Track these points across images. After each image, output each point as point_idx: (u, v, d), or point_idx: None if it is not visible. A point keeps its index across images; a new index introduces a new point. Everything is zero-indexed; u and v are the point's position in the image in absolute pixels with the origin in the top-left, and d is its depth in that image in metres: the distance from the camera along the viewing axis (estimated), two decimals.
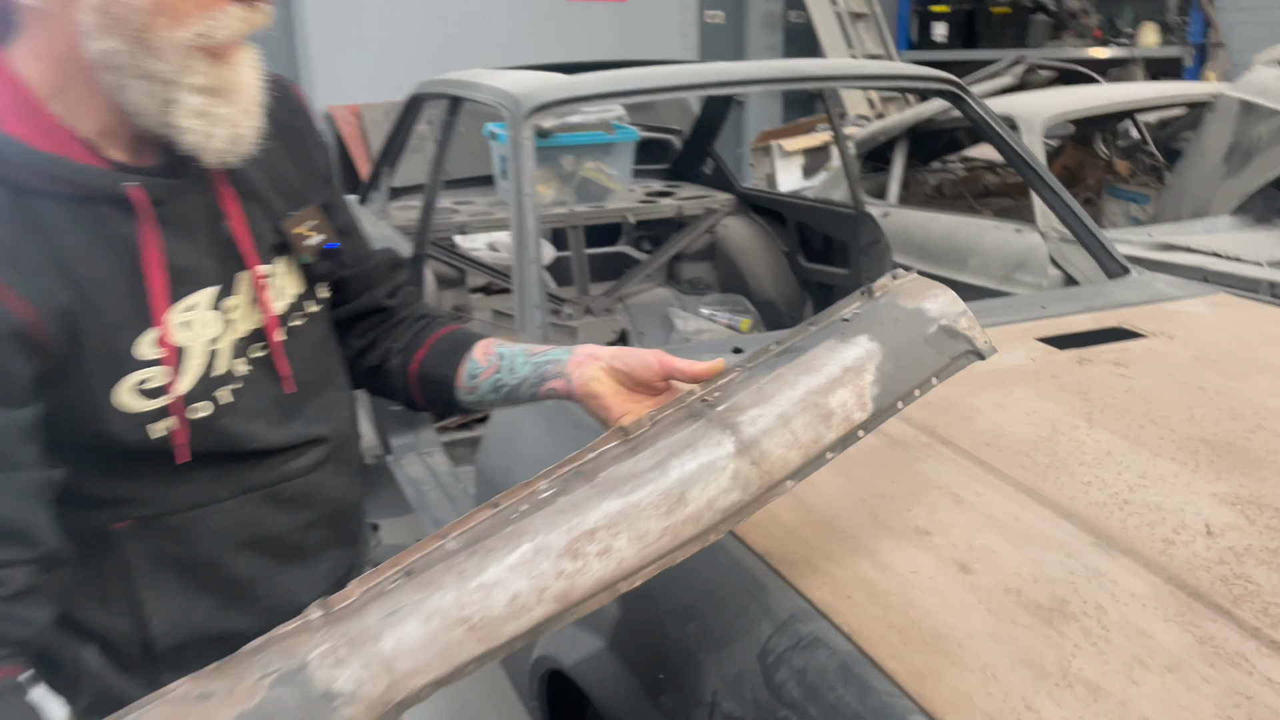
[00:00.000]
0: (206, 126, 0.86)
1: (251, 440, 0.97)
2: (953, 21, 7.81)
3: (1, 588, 0.80)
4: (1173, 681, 0.97)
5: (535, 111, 2.10)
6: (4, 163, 0.82)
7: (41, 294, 0.82)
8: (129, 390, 0.89)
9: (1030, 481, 1.31)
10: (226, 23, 0.84)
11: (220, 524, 0.98)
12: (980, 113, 2.43)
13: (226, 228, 0.95)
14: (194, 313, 0.92)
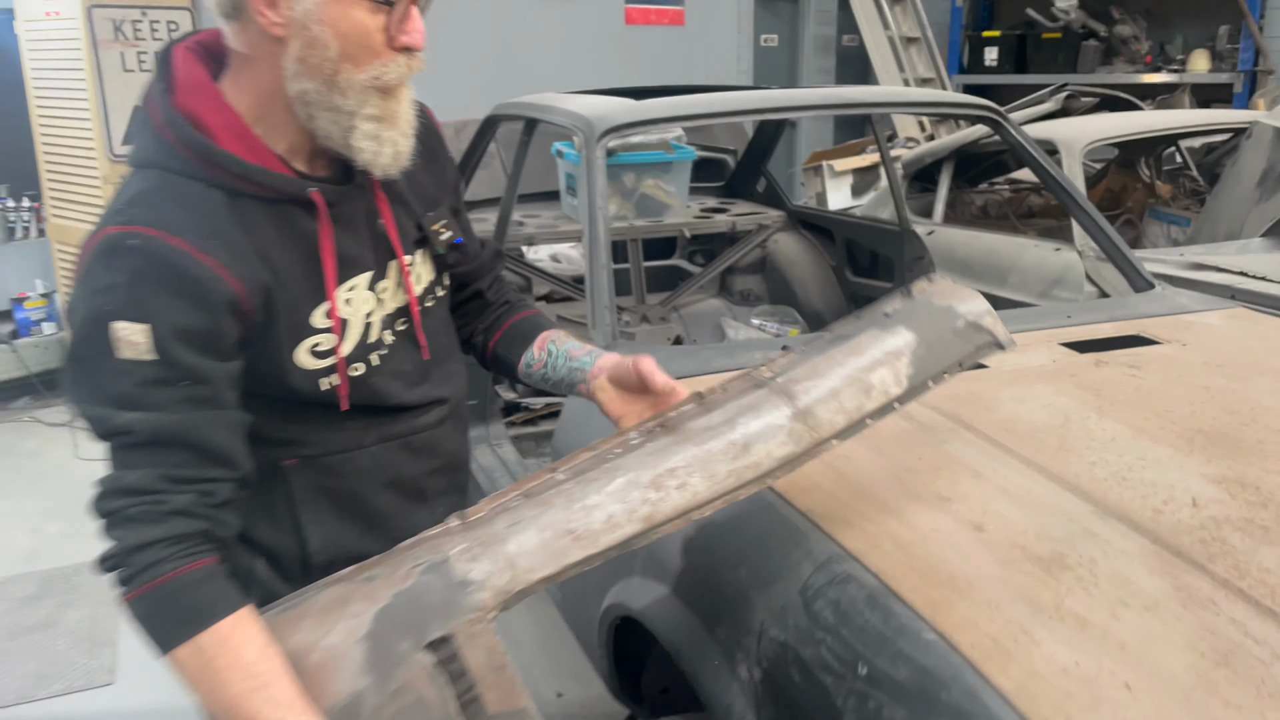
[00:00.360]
0: (376, 147, 1.10)
1: (393, 396, 1.20)
2: (1003, 46, 7.95)
3: (212, 497, 1.04)
4: (1150, 618, 1.15)
5: (607, 133, 2.33)
6: (223, 172, 1.06)
7: (249, 274, 1.06)
8: (305, 351, 1.12)
9: (1041, 460, 1.50)
10: (394, 69, 1.08)
11: (366, 465, 1.21)
12: (1017, 137, 2.62)
13: (381, 225, 1.19)
14: (355, 292, 1.16)
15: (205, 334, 1.02)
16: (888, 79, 7.46)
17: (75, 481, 4.12)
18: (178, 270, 1.01)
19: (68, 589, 3.25)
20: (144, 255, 1.00)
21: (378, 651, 1.00)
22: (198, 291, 1.01)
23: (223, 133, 1.06)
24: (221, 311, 1.03)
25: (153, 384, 1.00)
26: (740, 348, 1.97)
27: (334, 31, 1.04)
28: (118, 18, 4.13)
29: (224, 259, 1.03)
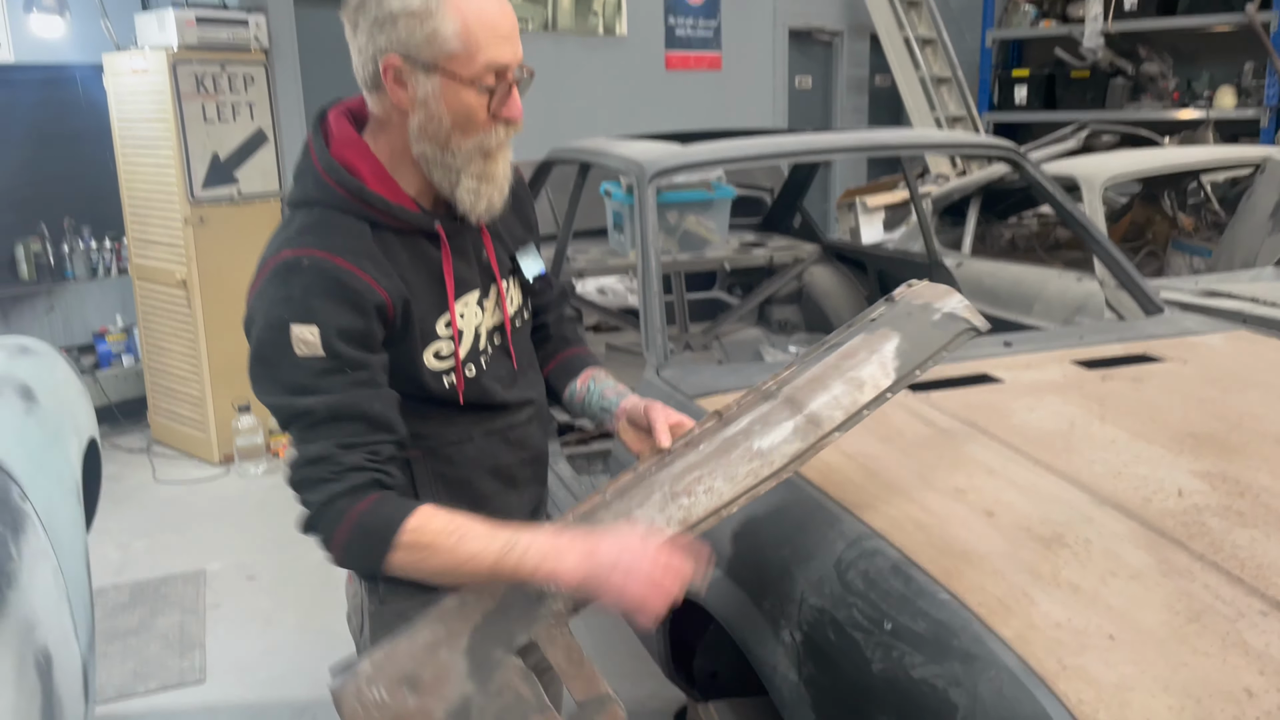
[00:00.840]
0: (474, 199, 1.34)
1: (495, 396, 1.44)
2: (1033, 85, 8.16)
3: (378, 455, 1.26)
4: (1133, 584, 1.36)
5: (657, 176, 2.58)
6: (371, 208, 1.31)
7: (393, 287, 1.29)
8: (430, 354, 1.36)
9: (1048, 459, 1.71)
10: (494, 137, 1.31)
11: (473, 454, 1.44)
12: (1035, 175, 2.84)
13: (485, 254, 1.44)
14: (467, 306, 1.40)
15: (361, 333, 1.26)
16: (919, 118, 7.70)
17: (156, 502, 4.42)
18: (341, 283, 1.24)
19: (157, 597, 3.52)
20: (314, 272, 1.24)
21: (477, 660, 1.25)
22: (356, 299, 1.25)
23: (370, 178, 1.31)
24: (372, 315, 1.27)
25: (324, 373, 1.23)
26: (780, 367, 2.19)
27: (447, 109, 1.27)
28: (200, 72, 4.48)
29: (374, 274, 1.27)
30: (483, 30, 1.24)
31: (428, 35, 1.23)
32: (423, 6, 1.22)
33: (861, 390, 1.41)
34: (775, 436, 1.38)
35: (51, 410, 2.09)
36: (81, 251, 5.18)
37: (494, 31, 1.25)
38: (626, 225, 4.10)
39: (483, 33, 1.24)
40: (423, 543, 1.22)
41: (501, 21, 1.26)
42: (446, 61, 1.24)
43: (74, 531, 1.94)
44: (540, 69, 6.13)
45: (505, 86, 1.28)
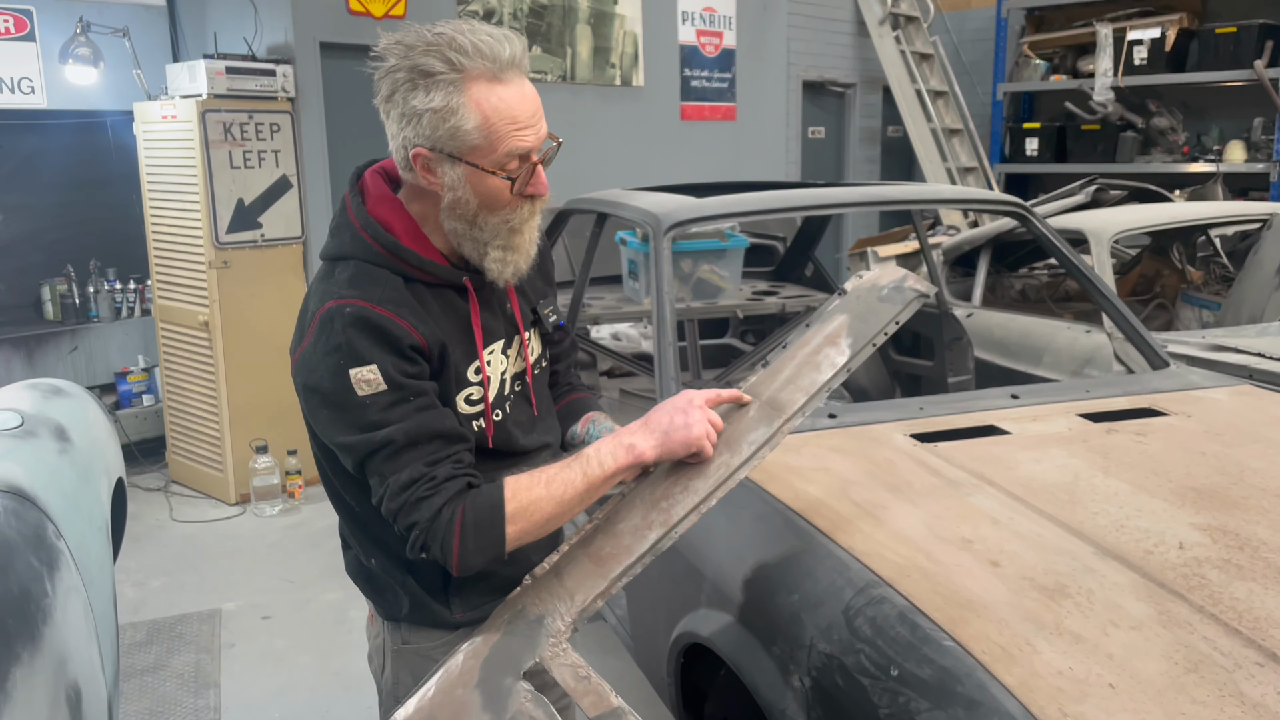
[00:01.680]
0: (500, 268, 1.41)
1: (517, 440, 1.50)
2: (1043, 137, 8.26)
3: (463, 463, 1.36)
4: (1134, 635, 1.40)
5: (673, 228, 2.65)
6: (404, 263, 1.38)
7: (429, 332, 1.36)
8: (462, 400, 1.43)
9: (1052, 511, 1.75)
10: (520, 214, 1.39)
11: None
12: (1042, 229, 2.90)
13: (509, 307, 1.52)
14: (494, 355, 1.48)
15: (409, 368, 1.34)
16: (931, 169, 7.80)
17: (173, 541, 4.47)
18: (383, 329, 1.32)
19: (173, 636, 3.56)
20: (356, 320, 1.32)
21: (489, 692, 1.30)
22: (397, 344, 1.32)
23: (404, 235, 1.40)
24: (415, 357, 1.35)
25: (391, 405, 1.32)
26: None
27: (474, 193, 1.35)
28: (228, 120, 4.60)
29: (412, 321, 1.35)
30: (502, 123, 1.30)
31: (450, 131, 1.30)
32: (444, 104, 1.29)
33: (819, 370, 1.48)
34: (741, 427, 1.43)
35: (84, 450, 2.15)
36: (106, 293, 5.30)
37: (513, 123, 1.31)
38: (641, 273, 4.18)
39: (502, 125, 1.30)
40: (525, 505, 1.32)
41: (520, 111, 1.31)
42: (469, 154, 1.32)
43: (103, 569, 2.00)
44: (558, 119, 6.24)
45: (529, 168, 1.36)
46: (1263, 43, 7.01)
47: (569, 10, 6.15)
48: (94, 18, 4.89)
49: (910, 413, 2.26)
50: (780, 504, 1.82)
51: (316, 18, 4.95)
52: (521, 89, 1.33)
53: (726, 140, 7.32)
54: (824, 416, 2.23)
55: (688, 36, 6.98)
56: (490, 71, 1.29)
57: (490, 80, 1.29)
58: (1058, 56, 8.35)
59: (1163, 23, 7.55)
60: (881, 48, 7.97)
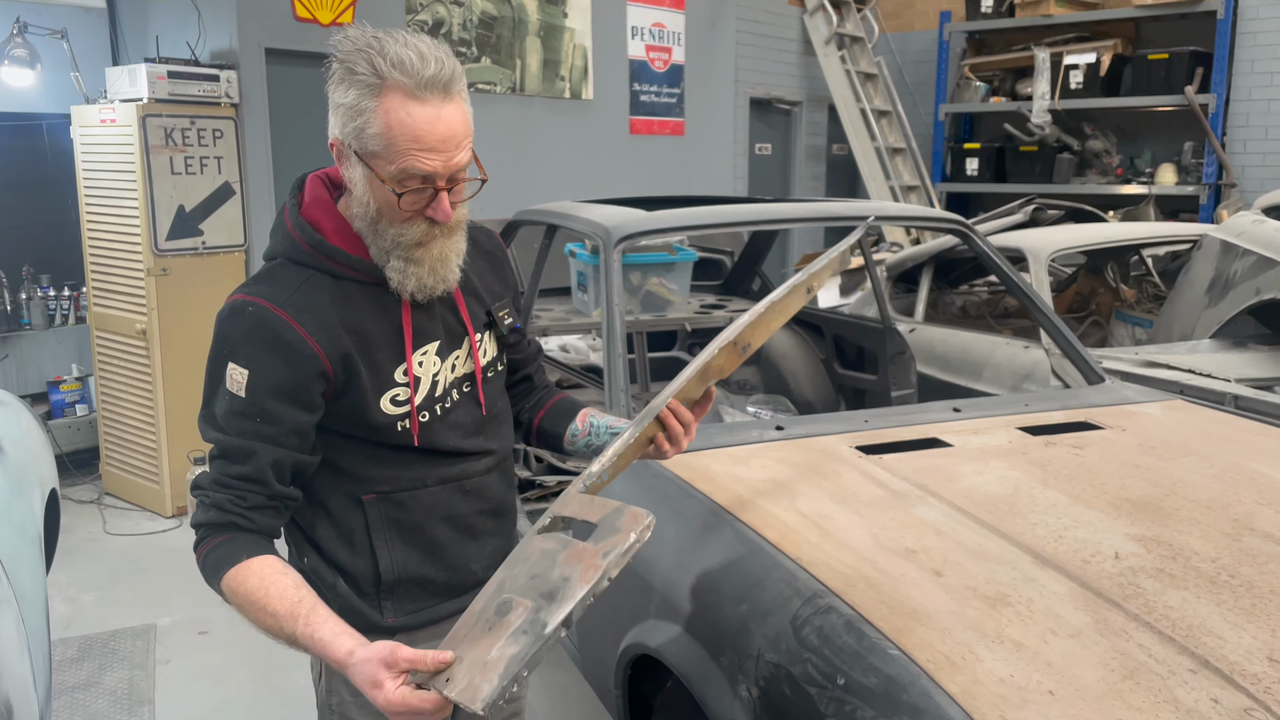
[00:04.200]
0: (400, 278, 1.39)
1: (450, 442, 1.47)
2: (983, 157, 8.45)
3: (243, 501, 1.35)
4: (1073, 643, 1.43)
5: (623, 240, 2.66)
6: (331, 260, 1.39)
7: (329, 342, 1.36)
8: (387, 400, 1.41)
9: (993, 521, 1.78)
10: (412, 232, 1.36)
11: (427, 501, 1.47)
12: (983, 247, 2.96)
13: (457, 308, 1.49)
14: (426, 357, 1.45)
15: (290, 384, 1.35)
16: (875, 186, 7.93)
17: (106, 555, 4.36)
18: (276, 334, 1.34)
19: (105, 652, 3.47)
20: (254, 320, 1.35)
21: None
22: (287, 351, 1.34)
23: (332, 233, 1.41)
24: (305, 368, 1.35)
25: (236, 415, 1.35)
26: (740, 427, 2.27)
27: (373, 197, 1.35)
28: (169, 125, 4.52)
29: (312, 330, 1.36)
30: (403, 138, 1.28)
31: (357, 130, 1.31)
32: (356, 103, 1.30)
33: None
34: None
35: (17, 461, 2.09)
36: (39, 299, 5.16)
37: (415, 141, 1.29)
38: (590, 285, 4.19)
39: (403, 140, 1.28)
40: (234, 598, 1.33)
41: (426, 133, 1.29)
42: (370, 159, 1.32)
43: (35, 582, 1.94)
44: (507, 130, 6.23)
45: (428, 192, 1.33)
46: (1193, 69, 7.26)
47: (519, 22, 6.15)
48: (32, 19, 4.77)
49: (855, 425, 2.29)
50: (728, 514, 1.83)
51: (262, 23, 4.89)
52: (437, 112, 1.30)
53: (675, 155, 7.37)
54: (771, 429, 2.26)
55: (637, 51, 7.03)
56: (407, 87, 1.28)
57: (406, 95, 1.28)
58: (997, 79, 8.55)
59: (1098, 48, 7.78)
60: (827, 67, 8.10)
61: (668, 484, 2.01)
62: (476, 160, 1.40)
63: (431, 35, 1.48)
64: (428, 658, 1.18)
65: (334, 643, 1.25)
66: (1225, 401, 3.04)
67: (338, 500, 1.44)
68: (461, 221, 1.42)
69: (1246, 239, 3.66)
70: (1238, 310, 3.58)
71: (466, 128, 1.34)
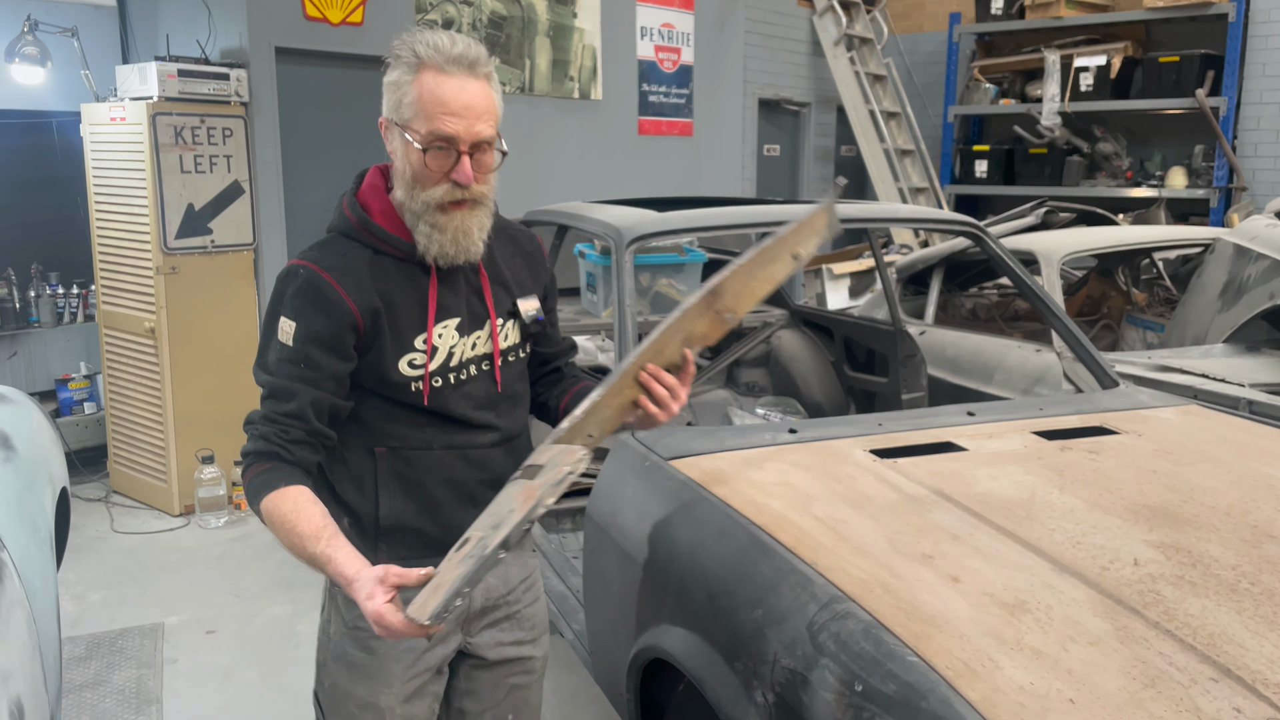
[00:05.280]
0: (426, 242, 1.56)
1: (461, 411, 1.62)
2: (993, 160, 8.42)
3: (286, 435, 1.53)
4: (1093, 650, 1.41)
5: (634, 241, 2.65)
6: (373, 237, 1.58)
7: (364, 302, 1.55)
8: (405, 362, 1.58)
9: (1010, 527, 1.77)
10: (437, 192, 1.53)
11: (431, 463, 1.62)
12: (996, 249, 2.95)
13: (481, 293, 1.66)
14: (446, 330, 1.61)
15: (329, 335, 1.54)
16: (884, 188, 7.91)
17: (114, 553, 4.36)
18: (320, 293, 1.54)
19: (113, 651, 3.46)
20: (304, 279, 1.55)
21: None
22: (329, 307, 1.54)
23: (378, 214, 1.60)
24: (342, 321, 1.54)
25: (284, 360, 1.54)
26: (752, 430, 2.25)
27: (407, 161, 1.53)
28: (179, 124, 4.52)
29: (351, 290, 1.55)
30: (432, 104, 1.48)
31: (396, 102, 1.53)
32: (398, 80, 1.52)
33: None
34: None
35: (28, 459, 2.08)
36: (48, 297, 5.16)
37: (441, 106, 1.48)
38: (600, 286, 4.18)
39: (431, 106, 1.48)
40: (269, 518, 1.49)
41: (451, 100, 1.48)
42: (405, 126, 1.52)
43: (46, 581, 1.93)
44: (516, 130, 6.21)
45: (451, 154, 1.51)
46: (1204, 72, 7.23)
47: (528, 22, 6.14)
48: (43, 16, 4.77)
49: (869, 429, 2.27)
50: (743, 518, 1.82)
51: (272, 22, 4.88)
52: (462, 83, 1.49)
53: (684, 155, 7.36)
54: (784, 432, 2.24)
55: (646, 52, 7.02)
56: (438, 63, 1.49)
57: (437, 70, 1.49)
58: (1007, 81, 8.53)
59: (1108, 51, 7.75)
60: (836, 68, 8.08)
61: (681, 487, 2.00)
62: (500, 139, 1.56)
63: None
64: (411, 575, 1.36)
65: (347, 563, 1.40)
66: (1239, 406, 3.02)
67: (354, 449, 1.62)
68: (484, 197, 1.57)
69: (1260, 243, 3.64)
70: (1251, 315, 3.56)
71: (490, 103, 1.52)
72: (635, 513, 2.06)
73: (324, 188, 5.16)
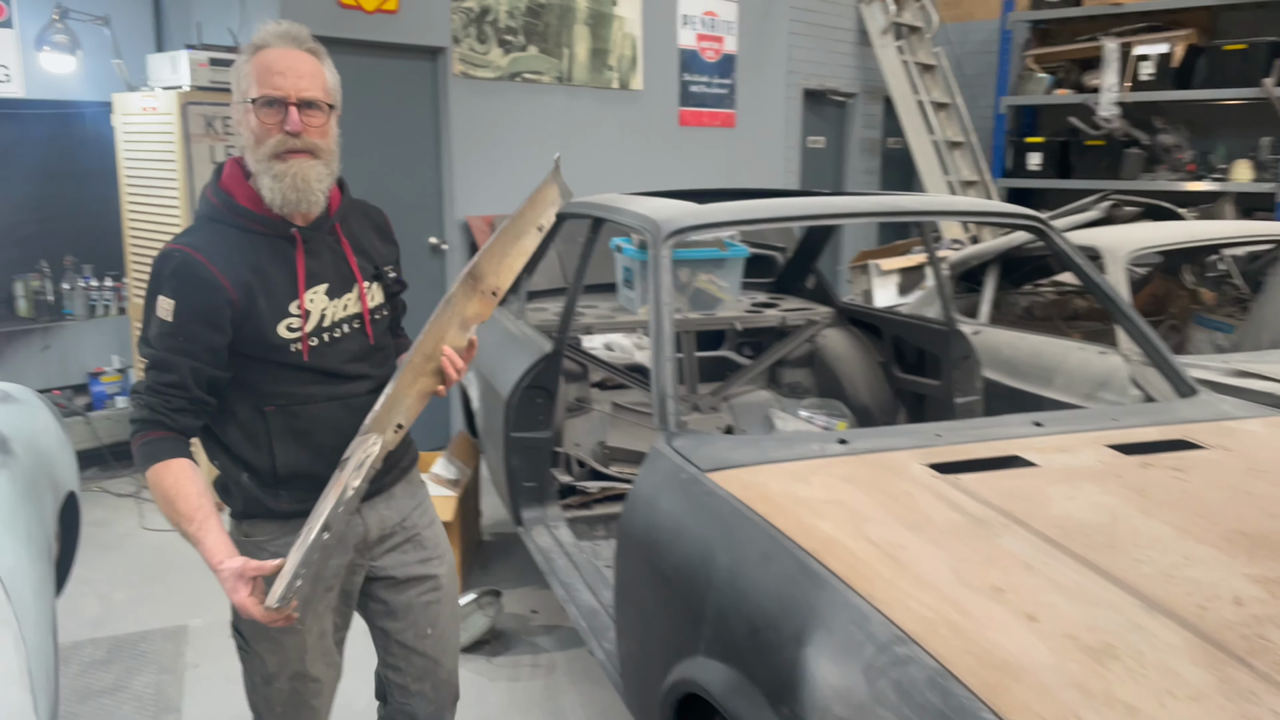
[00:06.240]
0: (269, 194, 1.75)
1: (336, 365, 1.83)
2: (1047, 152, 8.13)
3: (169, 404, 1.70)
4: (1195, 707, 1.23)
5: (673, 235, 2.48)
6: (239, 217, 1.77)
7: (236, 277, 1.72)
8: (283, 327, 1.77)
9: (1090, 556, 1.58)
10: (272, 143, 1.72)
11: (317, 414, 1.82)
12: (1063, 246, 2.74)
13: (346, 260, 1.87)
14: (316, 295, 1.82)
15: (206, 310, 1.70)
16: (932, 181, 7.66)
17: (141, 550, 4.28)
18: (194, 273, 1.70)
19: (135, 655, 3.37)
20: (179, 260, 1.71)
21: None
22: (204, 284, 1.70)
23: (242, 198, 1.78)
24: (217, 297, 1.71)
25: (163, 335, 1.71)
26: (798, 440, 2.08)
27: (246, 126, 1.75)
28: (209, 114, 4.42)
29: (222, 268, 1.72)
30: (260, 70, 1.72)
31: (239, 82, 1.76)
32: (240, 66, 1.76)
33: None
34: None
35: (28, 464, 1.96)
36: (81, 290, 5.11)
37: (267, 70, 1.72)
38: (637, 282, 4.01)
39: (260, 72, 1.72)
40: (153, 488, 1.68)
41: (275, 63, 1.72)
42: (244, 96, 1.74)
43: (40, 596, 1.81)
44: (554, 121, 6.05)
45: (280, 108, 1.72)
46: (1272, 60, 6.89)
47: (566, 10, 5.98)
48: (74, 4, 4.70)
49: (926, 439, 2.09)
50: (789, 541, 1.64)
51: (305, 9, 4.77)
52: (285, 51, 1.73)
53: (725, 147, 7.17)
54: (833, 442, 2.07)
55: (688, 41, 6.83)
56: (267, 42, 1.74)
57: (266, 48, 1.74)
58: (1062, 70, 8.22)
59: (1170, 38, 7.43)
60: (884, 58, 7.84)
61: (721, 503, 1.83)
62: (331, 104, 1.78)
63: (477, 23, 1.80)
64: (267, 565, 1.60)
65: (213, 550, 1.60)
66: None
67: (245, 410, 1.80)
68: (319, 150, 1.76)
69: None
70: None
71: (316, 70, 1.75)
72: (670, 530, 1.90)
73: (357, 178, 5.04)
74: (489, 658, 3.38)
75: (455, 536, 3.79)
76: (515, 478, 3.24)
